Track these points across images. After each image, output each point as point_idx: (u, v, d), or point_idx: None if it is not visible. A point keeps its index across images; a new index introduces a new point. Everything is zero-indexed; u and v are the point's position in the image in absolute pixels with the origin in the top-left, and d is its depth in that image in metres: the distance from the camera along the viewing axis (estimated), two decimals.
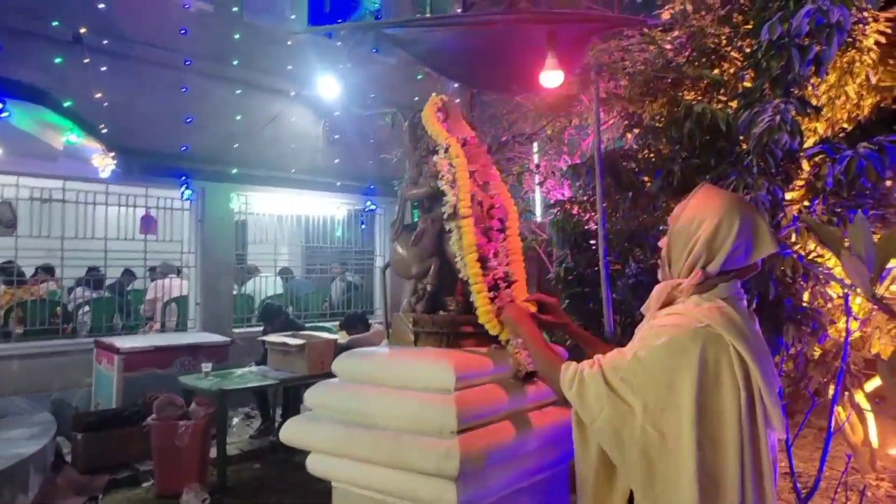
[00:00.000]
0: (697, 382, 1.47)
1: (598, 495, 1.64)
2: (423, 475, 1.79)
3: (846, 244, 1.96)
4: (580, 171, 4.52)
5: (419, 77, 9.33)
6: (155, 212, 7.34)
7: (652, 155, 4.27)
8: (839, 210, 3.64)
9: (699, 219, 1.58)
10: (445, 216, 2.07)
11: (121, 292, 7.80)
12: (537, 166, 6.10)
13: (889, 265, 2.19)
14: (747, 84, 3.83)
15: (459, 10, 9.97)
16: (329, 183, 8.23)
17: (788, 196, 3.95)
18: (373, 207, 9.06)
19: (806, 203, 3.90)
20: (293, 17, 8.16)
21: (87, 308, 7.29)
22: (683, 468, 1.46)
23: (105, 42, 6.13)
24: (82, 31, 5.84)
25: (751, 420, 1.48)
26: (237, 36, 7.26)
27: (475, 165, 2.22)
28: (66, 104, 4.92)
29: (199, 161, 6.78)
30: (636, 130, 4.24)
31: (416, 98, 8.45)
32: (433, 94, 2.23)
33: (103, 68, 6.08)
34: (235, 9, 7.46)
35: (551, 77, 2.40)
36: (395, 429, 1.87)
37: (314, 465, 2.09)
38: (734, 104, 3.86)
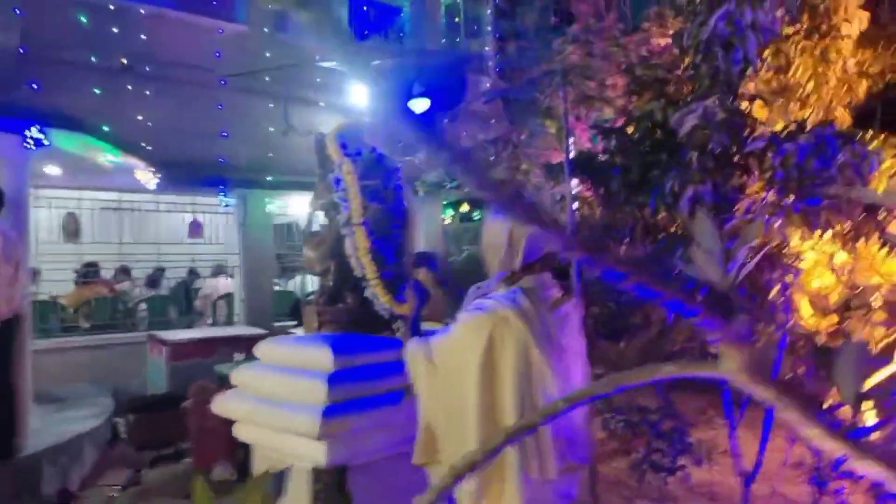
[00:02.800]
0: (484, 353, 1.81)
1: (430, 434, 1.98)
2: (304, 437, 2.20)
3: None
4: (555, 170, 4.78)
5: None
6: (202, 217, 8.08)
7: (619, 155, 4.48)
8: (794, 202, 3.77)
9: (496, 227, 1.93)
10: (342, 224, 2.46)
11: (185, 290, 8.62)
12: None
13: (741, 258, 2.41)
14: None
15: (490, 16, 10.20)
16: None
17: (757, 187, 4.09)
18: None
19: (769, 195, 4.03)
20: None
21: (144, 305, 8.12)
22: (469, 421, 1.80)
23: (147, 68, 6.87)
24: (123, 60, 6.59)
25: (528, 384, 1.80)
26: (268, 54, 7.87)
27: (378, 178, 2.60)
28: (105, 128, 5.63)
29: (236, 170, 7.43)
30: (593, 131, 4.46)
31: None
32: (337, 121, 2.62)
33: (147, 92, 6.82)
34: (266, 29, 8.09)
35: (418, 105, 2.75)
36: (287, 400, 2.28)
37: (238, 431, 2.53)
38: None
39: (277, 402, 2.30)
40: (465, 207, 9.27)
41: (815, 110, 4.65)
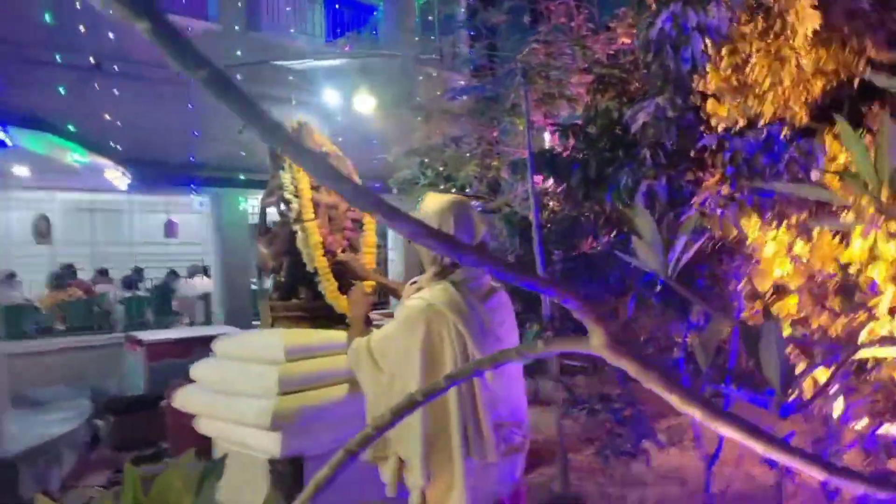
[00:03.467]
0: (423, 347, 1.88)
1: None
2: (258, 429, 2.26)
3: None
4: (518, 166, 4.87)
5: (420, 78, 9.78)
6: (177, 217, 8.08)
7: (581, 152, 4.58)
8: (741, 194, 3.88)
9: (427, 223, 1.99)
10: (292, 220, 2.52)
11: (163, 291, 8.61)
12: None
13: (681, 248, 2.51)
14: None
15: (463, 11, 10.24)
16: None
17: (713, 181, 4.20)
18: None
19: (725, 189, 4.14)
20: (292, 30, 8.74)
21: (120, 306, 8.11)
22: (413, 415, 1.87)
23: (115, 66, 6.86)
24: (91, 59, 6.58)
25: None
26: (239, 52, 7.88)
27: None
28: (70, 127, 5.64)
29: (208, 169, 7.45)
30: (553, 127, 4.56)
31: (448, 94, 8.87)
32: (293, 119, 2.68)
33: (115, 91, 6.81)
34: (238, 27, 8.09)
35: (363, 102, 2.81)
36: (241, 393, 2.35)
37: (199, 425, 2.59)
38: None
39: (233, 394, 2.37)
40: None
41: (773, 107, 4.78)
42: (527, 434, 2.05)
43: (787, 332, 4.64)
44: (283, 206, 2.61)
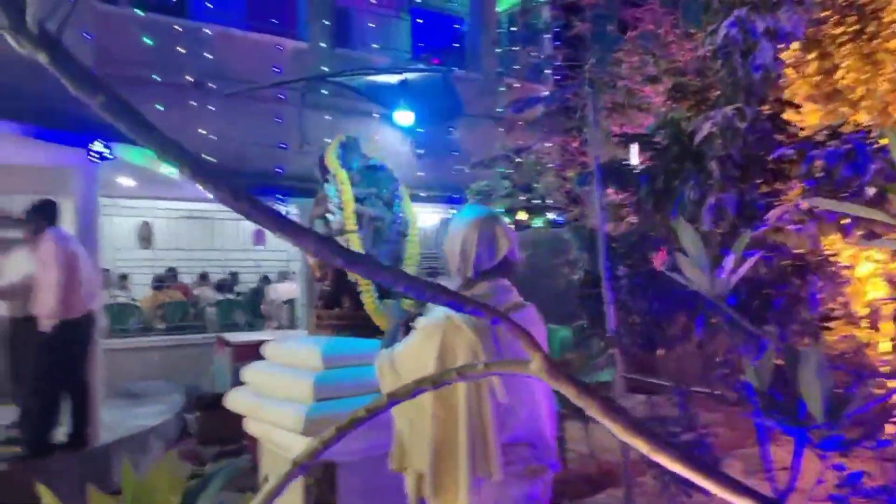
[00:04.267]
0: (437, 360, 1.88)
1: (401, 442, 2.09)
2: (294, 433, 2.34)
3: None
4: (587, 177, 4.77)
5: (501, 89, 9.78)
6: None
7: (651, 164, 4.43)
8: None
9: (453, 237, 2.00)
10: (336, 232, 2.60)
11: (255, 295, 9.09)
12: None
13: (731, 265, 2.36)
14: None
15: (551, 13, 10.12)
16: (413, 195, 8.95)
17: (794, 194, 3.95)
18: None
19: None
20: (375, 45, 9.02)
21: (213, 309, 8.62)
22: (424, 423, 1.88)
23: (212, 85, 7.34)
24: (189, 78, 7.08)
25: (477, 390, 1.86)
26: (325, 68, 8.21)
27: (376, 188, 2.72)
28: None
29: (295, 179, 7.79)
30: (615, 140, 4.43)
31: (500, 109, 8.95)
32: (339, 135, 2.77)
33: (210, 107, 7.29)
34: (324, 44, 8.44)
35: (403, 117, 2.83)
36: (280, 397, 2.44)
37: (246, 426, 2.71)
38: None
39: (273, 399, 2.46)
40: (521, 215, 9.27)
41: (869, 114, 4.44)
42: (548, 456, 1.99)
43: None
44: (328, 218, 2.70)
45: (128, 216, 8.07)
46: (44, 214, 4.84)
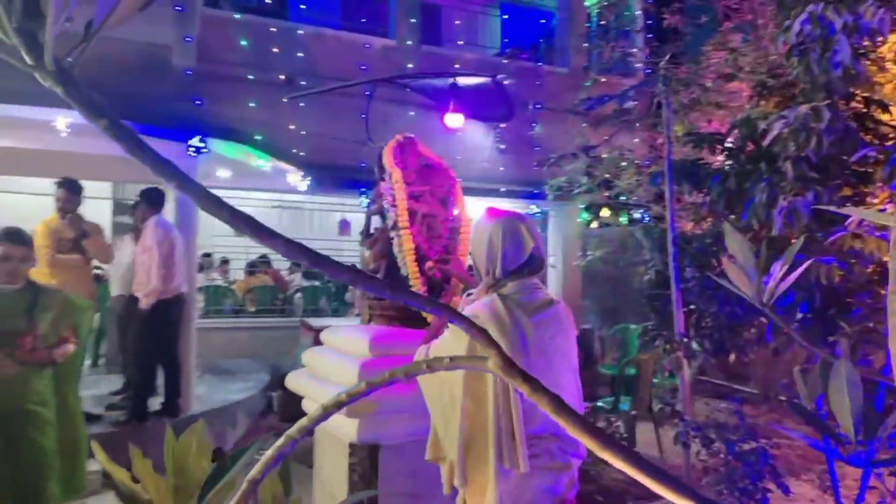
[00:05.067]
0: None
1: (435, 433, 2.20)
2: (340, 415, 2.51)
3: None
4: (658, 177, 4.67)
5: (587, 84, 9.63)
6: (350, 217, 8.86)
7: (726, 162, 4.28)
8: None
9: (478, 238, 2.08)
10: (390, 227, 2.74)
11: (341, 283, 9.50)
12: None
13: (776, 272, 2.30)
14: None
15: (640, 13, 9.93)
16: (494, 189, 9.03)
17: (882, 198, 3.73)
18: (537, 211, 9.62)
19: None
20: (461, 42, 9.13)
21: (300, 294, 9.09)
22: (456, 414, 1.98)
23: (303, 82, 7.73)
24: (282, 76, 7.49)
25: (503, 385, 1.94)
26: (411, 65, 8.42)
27: (430, 186, 2.84)
28: (257, 136, 6.48)
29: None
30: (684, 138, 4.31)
31: (576, 102, 8.83)
32: (397, 134, 2.90)
33: (301, 104, 7.67)
34: (410, 41, 8.65)
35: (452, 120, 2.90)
36: (331, 380, 2.61)
37: (304, 406, 2.92)
38: None
39: (326, 381, 2.64)
40: (604, 212, 9.14)
41: None
42: (573, 449, 2.03)
43: None
44: (387, 213, 2.84)
45: None
46: (150, 201, 5.32)
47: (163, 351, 5.38)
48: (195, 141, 5.27)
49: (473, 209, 2.61)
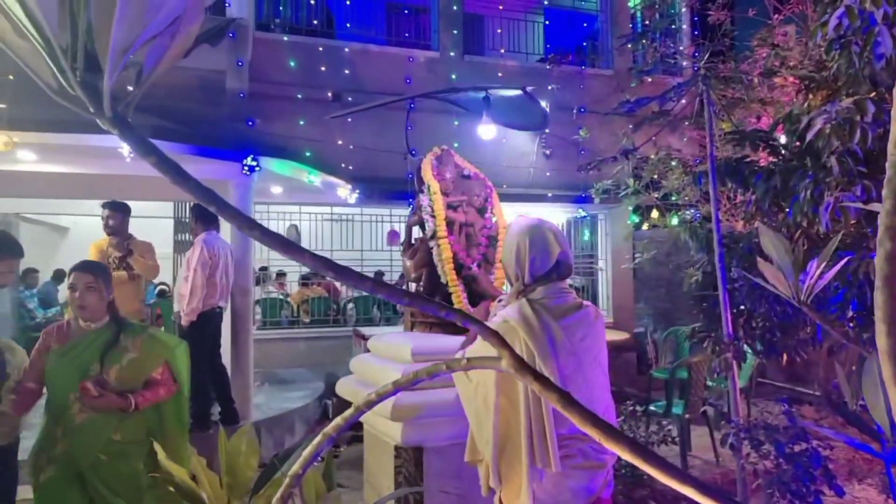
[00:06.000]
0: None
1: (472, 435, 2.29)
2: (385, 418, 2.63)
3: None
4: (702, 176, 4.63)
5: (633, 84, 9.55)
6: (398, 227, 9.03)
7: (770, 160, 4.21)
8: None
9: (508, 246, 2.16)
10: (429, 237, 2.85)
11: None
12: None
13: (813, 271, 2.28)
14: None
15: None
16: (541, 195, 9.05)
17: None
18: (584, 215, 9.58)
19: None
20: (502, 51, 9.21)
21: (352, 304, 9.31)
22: (489, 417, 2.06)
23: (350, 98, 7.96)
24: (329, 94, 7.74)
25: (534, 392, 2.01)
26: (454, 76, 8.55)
27: (467, 196, 2.94)
28: (307, 153, 6.72)
29: None
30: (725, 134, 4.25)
31: (616, 105, 8.78)
32: (435, 147, 3.01)
33: (348, 119, 7.90)
34: (453, 53, 8.78)
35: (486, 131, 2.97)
36: (376, 385, 2.73)
37: None
38: None
39: (372, 386, 2.76)
40: (654, 213, 9.03)
41: None
42: (606, 449, 2.08)
43: None
44: (426, 224, 2.95)
45: (278, 219, 8.97)
46: (199, 216, 5.55)
47: (207, 362, 5.63)
48: (249, 160, 5.53)
49: (518, 216, 2.69)
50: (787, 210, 3.57)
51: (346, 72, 8.09)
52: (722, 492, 0.94)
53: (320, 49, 8.06)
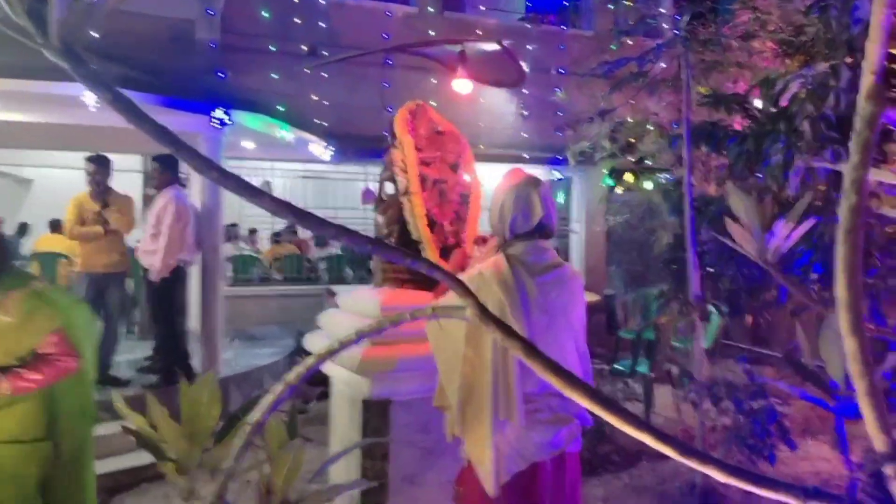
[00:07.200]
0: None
1: (440, 389, 2.30)
2: (352, 373, 2.63)
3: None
4: (677, 140, 4.64)
5: (613, 47, 9.46)
6: (373, 185, 8.95)
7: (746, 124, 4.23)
8: None
9: (495, 198, 2.15)
10: (401, 193, 2.82)
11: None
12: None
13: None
14: None
15: None
16: (517, 156, 9.01)
17: None
18: (560, 177, 9.59)
19: None
20: (482, 8, 9.03)
21: (323, 263, 9.27)
22: (457, 367, 2.07)
23: (325, 52, 7.76)
24: (304, 47, 7.54)
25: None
26: (433, 32, 8.38)
27: (441, 152, 2.90)
28: (280, 107, 6.57)
29: None
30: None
31: (596, 65, 8.71)
32: (409, 101, 2.96)
33: (323, 74, 7.72)
34: (432, 8, 8.60)
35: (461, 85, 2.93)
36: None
37: (324, 366, 3.05)
38: None
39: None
40: (629, 177, 9.06)
41: None
42: (575, 407, 2.11)
43: None
44: (396, 180, 2.92)
45: (251, 176, 8.82)
46: (164, 165, 5.39)
47: (179, 315, 5.62)
48: (219, 113, 5.38)
49: (496, 176, 2.67)
50: (759, 174, 3.61)
51: (322, 25, 7.87)
52: (675, 439, 0.96)
53: (295, 0, 7.82)
